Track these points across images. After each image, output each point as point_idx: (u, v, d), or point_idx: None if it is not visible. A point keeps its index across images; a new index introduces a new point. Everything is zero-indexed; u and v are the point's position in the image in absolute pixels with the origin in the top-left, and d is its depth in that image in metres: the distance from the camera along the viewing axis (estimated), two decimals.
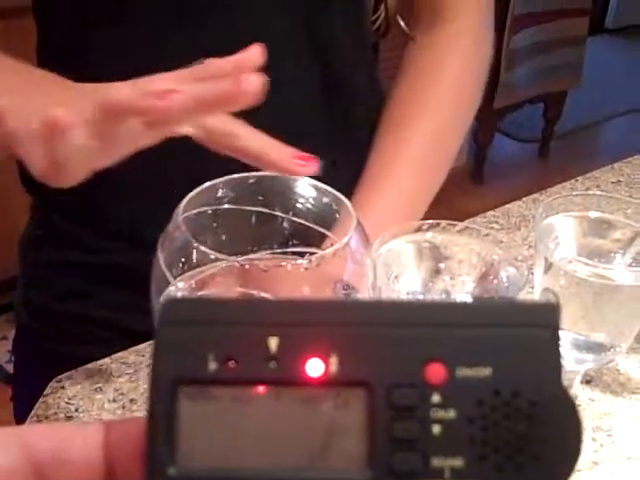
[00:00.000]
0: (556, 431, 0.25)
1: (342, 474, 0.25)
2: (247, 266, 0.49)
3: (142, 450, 0.25)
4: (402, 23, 0.76)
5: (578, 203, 0.66)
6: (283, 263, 0.47)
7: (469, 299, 0.60)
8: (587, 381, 0.77)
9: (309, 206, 0.49)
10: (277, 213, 0.49)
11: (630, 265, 0.64)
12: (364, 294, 0.50)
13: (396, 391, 0.25)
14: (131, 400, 0.69)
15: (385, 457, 0.25)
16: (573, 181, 1.08)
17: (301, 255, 0.51)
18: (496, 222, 0.98)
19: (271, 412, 0.25)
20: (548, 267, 0.63)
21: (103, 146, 0.49)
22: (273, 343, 0.25)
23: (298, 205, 0.49)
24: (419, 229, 0.61)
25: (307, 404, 0.25)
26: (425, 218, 0.67)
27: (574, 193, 0.66)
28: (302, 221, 0.49)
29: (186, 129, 0.50)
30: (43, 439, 0.27)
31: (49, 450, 0.26)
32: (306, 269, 0.47)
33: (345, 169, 0.77)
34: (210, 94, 0.46)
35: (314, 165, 0.48)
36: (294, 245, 0.51)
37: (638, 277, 0.62)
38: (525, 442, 0.25)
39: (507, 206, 1.04)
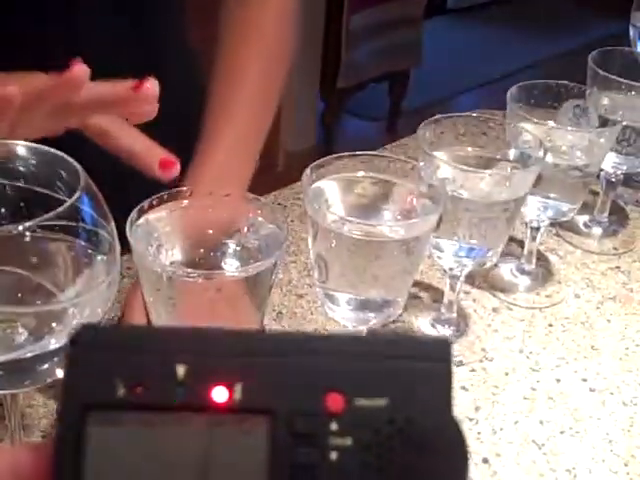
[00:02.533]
0: (445, 459, 0.26)
1: None
2: None
3: (50, 476, 0.26)
4: None
5: (349, 165, 0.67)
6: None
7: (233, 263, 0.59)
8: None
9: (33, 169, 0.47)
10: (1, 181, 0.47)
11: (397, 219, 0.65)
12: None
13: (297, 419, 0.27)
14: None
15: None
16: (381, 149, 1.10)
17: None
18: None
19: (178, 437, 0.26)
20: (317, 231, 0.63)
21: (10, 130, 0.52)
22: (181, 370, 0.27)
23: (21, 169, 0.47)
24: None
25: (212, 430, 0.26)
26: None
27: (345, 154, 0.67)
28: (28, 186, 0.47)
29: (79, 123, 0.56)
30: None
31: None
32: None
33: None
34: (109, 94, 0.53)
35: (175, 170, 0.56)
36: (26, 211, 0.49)
37: (407, 230, 0.62)
38: (416, 469, 0.26)
39: None
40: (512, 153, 0.78)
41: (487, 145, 0.77)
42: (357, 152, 0.67)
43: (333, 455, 0.26)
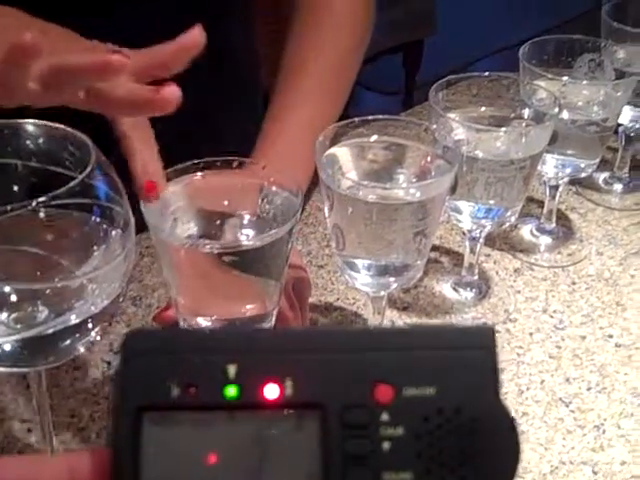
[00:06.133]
0: (495, 445, 0.27)
1: None
2: None
3: (108, 477, 0.26)
4: None
5: (361, 131, 0.67)
6: None
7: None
8: (404, 308, 0.78)
9: (43, 147, 0.47)
10: (11, 161, 0.47)
11: (412, 182, 0.65)
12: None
13: (348, 411, 0.27)
14: None
15: (339, 474, 0.27)
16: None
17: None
18: None
19: (232, 435, 0.27)
20: (332, 199, 0.63)
21: (43, 91, 0.51)
22: (232, 369, 0.27)
23: (32, 147, 0.47)
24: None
25: (265, 427, 0.27)
26: None
27: (357, 119, 0.66)
28: (40, 165, 0.47)
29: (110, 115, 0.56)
30: (12, 470, 0.27)
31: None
32: None
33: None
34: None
35: (153, 197, 0.55)
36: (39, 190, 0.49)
37: (422, 191, 0.62)
38: (467, 456, 0.27)
39: None
40: (527, 112, 0.77)
41: (501, 105, 0.76)
42: (369, 117, 0.66)
43: (385, 445, 0.27)
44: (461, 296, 0.80)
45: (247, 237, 0.59)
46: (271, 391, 0.27)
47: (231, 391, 0.27)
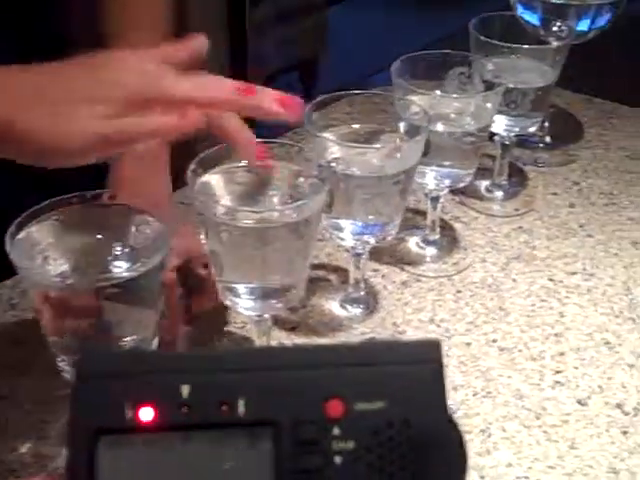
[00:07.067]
0: (445, 456, 0.28)
1: None
2: None
3: None
4: None
5: (233, 155, 0.67)
6: None
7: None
8: (292, 328, 0.79)
9: None
10: None
11: (286, 203, 0.65)
12: None
13: (300, 427, 0.28)
14: None
15: None
16: (281, 137, 1.09)
17: None
18: None
19: (186, 455, 0.27)
20: (207, 226, 0.62)
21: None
22: (185, 390, 0.28)
23: None
24: None
25: (219, 445, 0.27)
26: None
27: (224, 145, 0.66)
28: None
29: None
30: None
31: None
32: None
33: None
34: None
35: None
36: None
37: (297, 212, 0.62)
38: (418, 467, 0.27)
39: None
40: (402, 126, 0.78)
41: (376, 121, 0.78)
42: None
43: (337, 459, 0.28)
44: (350, 312, 0.81)
45: (120, 269, 0.58)
46: (224, 410, 0.28)
47: (184, 411, 0.27)
